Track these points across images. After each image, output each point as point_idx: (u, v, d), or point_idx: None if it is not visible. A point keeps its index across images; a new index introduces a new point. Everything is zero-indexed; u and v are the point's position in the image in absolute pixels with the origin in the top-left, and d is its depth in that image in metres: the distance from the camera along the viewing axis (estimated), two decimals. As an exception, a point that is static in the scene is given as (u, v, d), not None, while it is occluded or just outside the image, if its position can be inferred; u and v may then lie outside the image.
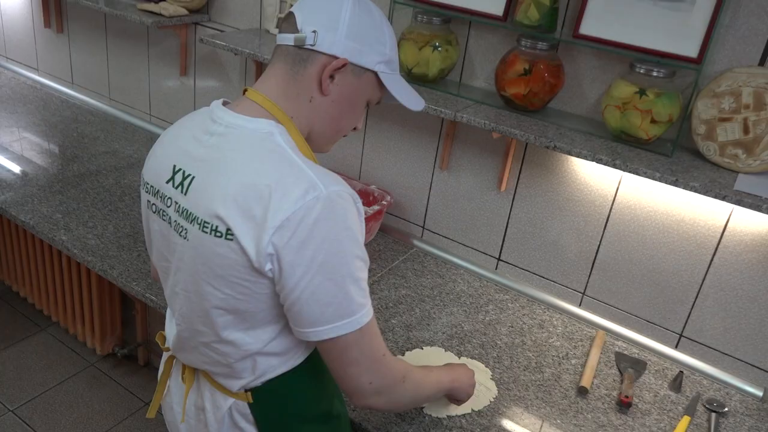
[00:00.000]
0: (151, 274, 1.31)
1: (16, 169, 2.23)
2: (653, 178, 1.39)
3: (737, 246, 1.53)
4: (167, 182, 1.00)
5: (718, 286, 1.58)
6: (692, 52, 1.40)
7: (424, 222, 2.05)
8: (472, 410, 1.40)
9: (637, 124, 1.47)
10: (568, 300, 1.83)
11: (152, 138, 2.62)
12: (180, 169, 0.98)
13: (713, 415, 1.47)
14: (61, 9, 2.81)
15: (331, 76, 0.99)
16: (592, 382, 1.54)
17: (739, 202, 1.31)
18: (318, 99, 1.01)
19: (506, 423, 1.39)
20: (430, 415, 1.37)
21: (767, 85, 1.34)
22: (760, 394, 1.56)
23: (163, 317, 2.33)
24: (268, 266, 0.90)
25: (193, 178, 0.96)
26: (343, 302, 0.93)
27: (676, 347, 1.69)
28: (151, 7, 2.25)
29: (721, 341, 1.62)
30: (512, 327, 1.72)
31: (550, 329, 1.73)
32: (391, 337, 1.61)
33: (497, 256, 1.93)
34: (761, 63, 1.40)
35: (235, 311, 0.98)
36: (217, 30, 2.31)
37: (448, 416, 1.38)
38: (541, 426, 1.40)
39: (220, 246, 0.92)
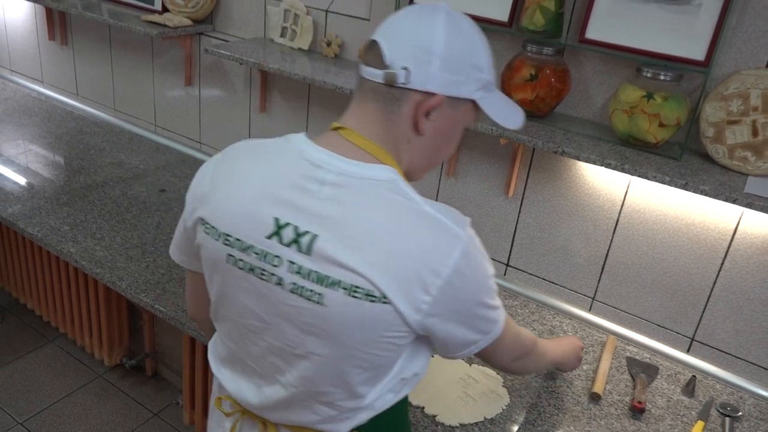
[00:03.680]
0: (187, 314, 1.22)
1: (22, 181, 2.24)
2: (663, 182, 1.38)
3: (748, 249, 1.52)
4: (269, 237, 0.88)
5: (729, 289, 1.57)
6: (699, 55, 1.40)
7: (432, 229, 2.04)
8: (485, 418, 1.39)
9: (645, 128, 1.46)
10: (577, 305, 1.82)
11: (158, 148, 2.63)
12: (288, 224, 0.87)
13: (727, 419, 1.46)
14: (65, 21, 2.82)
15: (427, 113, 0.91)
16: (605, 388, 1.53)
17: (749, 205, 1.30)
18: (414, 139, 0.94)
19: (519, 431, 1.38)
20: (443, 424, 1.36)
21: (776, 87, 1.34)
22: (774, 397, 1.55)
23: (172, 327, 2.33)
24: (422, 324, 0.89)
25: (316, 236, 0.86)
26: (489, 321, 0.96)
27: (688, 351, 1.67)
28: (156, 18, 2.26)
29: (733, 345, 1.60)
30: (522, 333, 1.71)
31: (561, 335, 1.72)
32: (401, 345, 1.60)
33: (506, 262, 1.92)
34: (769, 65, 1.40)
35: (375, 367, 0.94)
36: (222, 40, 2.31)
37: (460, 424, 1.37)
38: (554, 433, 1.39)
39: (373, 309, 0.86)
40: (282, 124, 2.28)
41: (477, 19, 1.65)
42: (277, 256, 0.88)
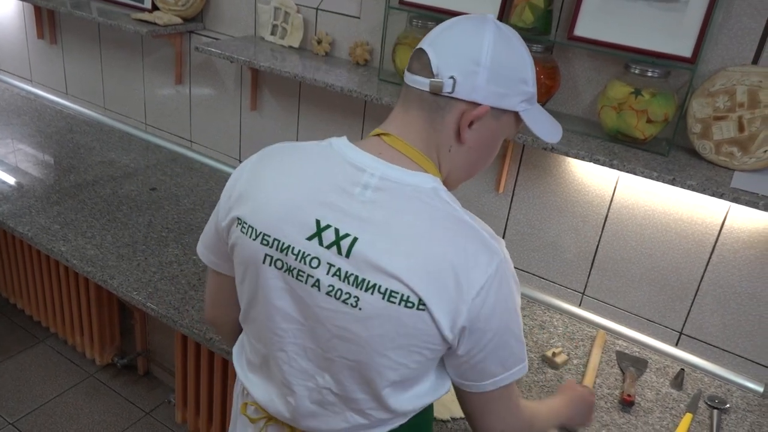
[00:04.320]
0: (206, 317, 1.18)
1: (12, 181, 2.23)
2: (651, 178, 1.40)
3: (735, 243, 1.54)
4: (309, 239, 0.88)
5: (716, 283, 1.59)
6: (686, 51, 1.42)
7: (423, 225, 2.05)
8: (476, 412, 1.40)
9: (633, 124, 1.48)
10: (567, 300, 1.83)
11: (148, 146, 2.62)
12: (329, 226, 0.87)
13: (715, 411, 1.48)
14: (54, 20, 2.81)
15: (470, 123, 0.91)
16: (595, 382, 1.54)
17: (735, 200, 1.32)
18: (456, 148, 0.94)
19: (510, 424, 1.39)
20: (435, 418, 1.37)
21: (761, 83, 1.35)
22: (760, 389, 1.57)
23: (164, 325, 2.33)
24: (457, 336, 0.88)
25: (356, 239, 0.86)
26: (513, 356, 0.95)
27: (676, 345, 1.69)
28: (146, 16, 2.25)
29: (721, 338, 1.62)
30: (513, 328, 1.72)
31: (551, 330, 1.74)
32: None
33: (496, 258, 1.93)
34: (754, 61, 1.41)
35: (404, 378, 0.93)
36: (212, 38, 2.31)
37: (452, 418, 1.38)
38: (545, 426, 1.40)
39: (410, 316, 0.85)
40: (273, 122, 2.28)
41: (467, 17, 1.68)
42: (315, 258, 0.88)
